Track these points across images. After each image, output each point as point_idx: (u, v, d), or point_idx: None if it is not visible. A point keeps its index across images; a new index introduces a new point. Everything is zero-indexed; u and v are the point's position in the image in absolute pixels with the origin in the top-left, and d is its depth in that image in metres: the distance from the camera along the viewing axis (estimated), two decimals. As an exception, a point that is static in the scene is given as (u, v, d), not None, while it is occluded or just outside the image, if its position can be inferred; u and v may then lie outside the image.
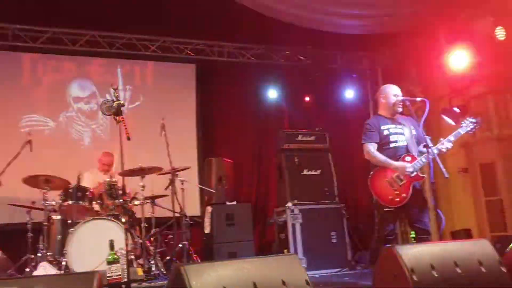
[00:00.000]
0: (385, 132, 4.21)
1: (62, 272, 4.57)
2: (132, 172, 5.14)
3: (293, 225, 5.98)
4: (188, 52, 7.21)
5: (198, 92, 7.64)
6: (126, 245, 2.93)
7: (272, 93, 7.78)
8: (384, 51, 7.50)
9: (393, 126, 4.25)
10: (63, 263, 4.67)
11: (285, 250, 5.91)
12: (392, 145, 4.18)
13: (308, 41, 7.30)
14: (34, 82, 6.85)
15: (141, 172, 5.28)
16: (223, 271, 2.65)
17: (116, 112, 3.49)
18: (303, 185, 6.32)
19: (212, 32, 7.09)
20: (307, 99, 8.19)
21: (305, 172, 6.42)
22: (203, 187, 6.44)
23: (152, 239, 5.39)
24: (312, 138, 6.65)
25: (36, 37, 6.46)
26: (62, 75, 7.02)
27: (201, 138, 7.56)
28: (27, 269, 4.83)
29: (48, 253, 4.88)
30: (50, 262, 4.77)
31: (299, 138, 6.60)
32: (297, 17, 5.88)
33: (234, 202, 6.29)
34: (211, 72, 7.67)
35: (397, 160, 4.11)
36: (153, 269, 4.94)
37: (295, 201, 6.07)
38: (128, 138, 3.46)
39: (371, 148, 4.18)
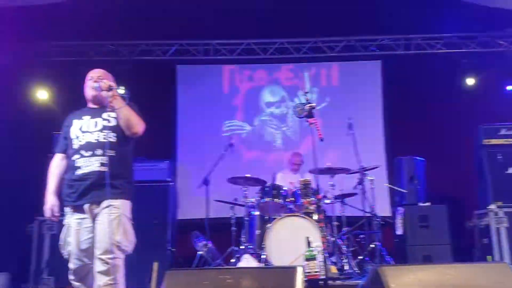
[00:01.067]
0: None
1: (262, 264, 4.93)
2: (320, 172, 5.28)
3: (498, 230, 5.41)
4: (373, 49, 7.15)
5: (384, 89, 7.47)
6: (323, 242, 3.03)
7: (467, 84, 7.17)
8: None
9: None
10: (263, 256, 5.04)
11: (488, 257, 5.39)
12: None
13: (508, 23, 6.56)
14: (232, 91, 7.59)
15: (330, 171, 5.40)
16: (423, 275, 2.56)
17: (308, 114, 3.64)
18: (508, 185, 5.67)
19: (397, 26, 6.89)
20: (508, 88, 7.31)
21: (510, 170, 5.75)
22: (393, 187, 6.26)
23: (343, 237, 5.46)
24: (518, 132, 5.92)
25: (233, 49, 7.15)
26: (256, 82, 7.62)
27: (389, 136, 7.36)
28: (232, 260, 5.35)
29: (249, 246, 5.33)
30: (251, 254, 5.19)
31: (502, 132, 5.93)
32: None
33: (428, 203, 5.97)
34: (397, 67, 7.42)
35: None
36: (346, 267, 4.99)
37: (499, 203, 5.49)
38: (321, 139, 3.58)
39: None
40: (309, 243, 3.74)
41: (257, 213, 5.52)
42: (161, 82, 7.45)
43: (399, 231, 5.91)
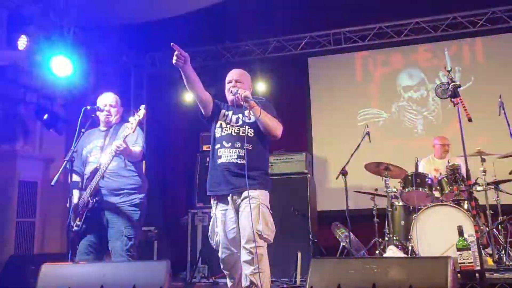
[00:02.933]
0: None
1: (409, 256, 4.74)
2: (471, 156, 4.88)
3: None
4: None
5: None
6: (476, 231, 2.80)
7: None
8: None
9: None
10: (409, 247, 4.85)
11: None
12: None
13: None
14: (366, 78, 7.39)
15: (480, 155, 4.97)
16: None
17: (453, 94, 3.38)
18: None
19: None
20: None
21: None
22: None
23: (499, 227, 5.00)
24: None
25: (365, 35, 6.97)
26: (391, 67, 7.32)
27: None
28: (377, 252, 5.24)
29: (394, 238, 5.16)
30: (396, 246, 5.02)
31: None
32: None
33: None
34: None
35: None
36: (505, 259, 4.57)
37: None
38: (470, 119, 3.31)
39: None
40: (461, 232, 3.50)
41: (400, 203, 5.34)
42: (294, 76, 7.57)
43: None
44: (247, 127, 3.35)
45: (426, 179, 5.10)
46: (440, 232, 4.54)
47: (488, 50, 6.92)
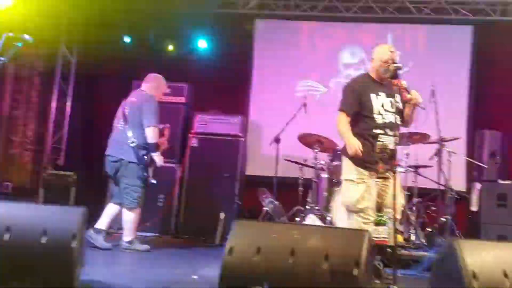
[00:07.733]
0: None
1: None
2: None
3: None
4: (465, 12, 6.64)
5: (473, 57, 6.94)
6: (403, 208, 2.92)
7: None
8: None
9: None
10: (328, 218, 5.01)
11: None
12: None
13: None
14: (310, 50, 7.33)
15: (406, 139, 5.16)
16: (504, 253, 2.41)
17: (393, 75, 3.46)
18: None
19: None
20: None
21: None
22: (473, 161, 5.92)
23: (413, 208, 5.29)
24: None
25: (314, 6, 6.90)
26: (335, 42, 7.29)
27: (474, 107, 6.88)
28: (297, 219, 5.38)
29: (316, 207, 5.31)
30: (316, 215, 5.18)
31: None
32: None
33: (509, 182, 5.61)
34: (490, 35, 6.84)
35: None
36: (413, 238, 4.87)
37: None
38: (406, 102, 3.43)
39: None
40: (379, 209, 3.64)
41: (325, 175, 5.47)
42: (239, 36, 7.36)
43: (474, 208, 5.63)
44: (398, 114, 3.55)
45: (354, 156, 5.21)
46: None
47: (430, 39, 7.08)
